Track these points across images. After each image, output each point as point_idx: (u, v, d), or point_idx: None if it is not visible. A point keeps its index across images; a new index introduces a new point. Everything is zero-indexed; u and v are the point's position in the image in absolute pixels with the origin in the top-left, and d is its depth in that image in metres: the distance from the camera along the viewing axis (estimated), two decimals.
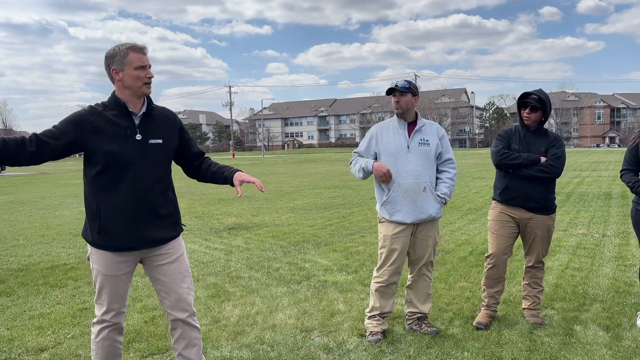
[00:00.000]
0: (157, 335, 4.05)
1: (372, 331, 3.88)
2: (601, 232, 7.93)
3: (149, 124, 2.74)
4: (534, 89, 4.03)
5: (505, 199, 4.06)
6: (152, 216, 2.75)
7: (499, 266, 4.14)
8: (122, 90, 2.69)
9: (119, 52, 2.65)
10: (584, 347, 3.62)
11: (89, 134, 2.61)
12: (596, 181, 16.38)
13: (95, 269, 2.77)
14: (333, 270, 6.01)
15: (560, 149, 4.00)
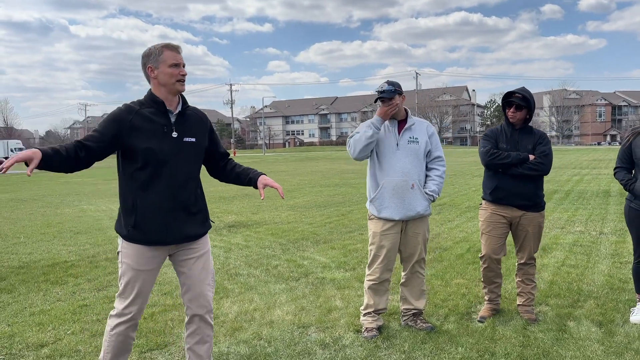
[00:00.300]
0: (156, 331, 4.10)
1: (368, 327, 3.93)
2: (598, 230, 7.98)
3: (184, 123, 2.84)
4: (518, 88, 4.07)
5: (495, 199, 4.10)
6: (185, 213, 2.85)
7: (494, 265, 4.21)
8: (158, 88, 2.79)
9: (154, 50, 2.77)
10: (576, 343, 3.67)
11: (128, 132, 2.70)
12: (595, 179, 16.41)
13: (124, 263, 2.82)
14: (331, 267, 6.06)
15: (547, 146, 4.05)
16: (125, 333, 2.86)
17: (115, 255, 7.06)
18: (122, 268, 2.83)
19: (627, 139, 4.08)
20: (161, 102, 2.78)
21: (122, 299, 2.84)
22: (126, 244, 2.81)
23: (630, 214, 4.07)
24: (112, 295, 5.14)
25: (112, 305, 4.75)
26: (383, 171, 3.85)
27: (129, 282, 2.81)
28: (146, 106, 2.77)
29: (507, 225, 4.13)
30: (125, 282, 2.82)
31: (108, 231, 9.07)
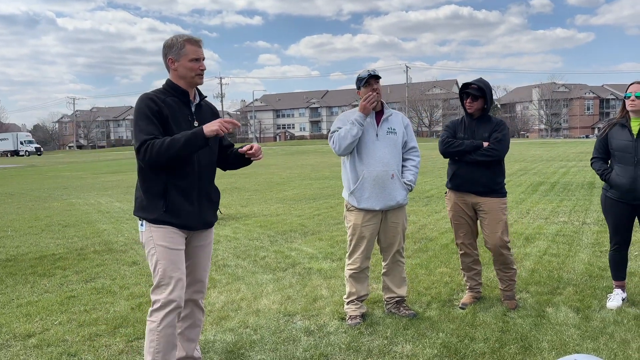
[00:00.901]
0: (143, 321, 4.15)
1: (352, 315, 4.01)
2: (581, 220, 8.12)
3: (201, 114, 2.96)
4: (474, 79, 4.18)
5: (454, 185, 4.25)
6: (208, 200, 2.99)
7: (469, 251, 4.31)
8: (177, 79, 2.88)
9: (177, 43, 2.83)
10: (553, 328, 3.77)
11: (160, 119, 2.76)
12: (581, 171, 16.62)
13: (158, 247, 2.78)
14: (318, 258, 6.14)
15: (502, 133, 4.13)
16: (173, 323, 2.80)
17: (101, 249, 7.09)
18: (157, 254, 2.79)
19: (603, 130, 4.19)
20: (185, 92, 2.88)
21: (164, 287, 2.77)
22: (155, 228, 2.81)
23: (606, 203, 4.18)
24: (99, 286, 5.18)
25: (100, 296, 4.82)
26: (363, 162, 3.92)
27: (167, 264, 2.77)
28: (169, 95, 2.85)
29: (471, 211, 4.23)
30: (164, 267, 2.77)
31: (97, 224, 9.08)
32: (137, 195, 2.93)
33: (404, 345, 3.56)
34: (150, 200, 2.82)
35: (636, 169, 3.92)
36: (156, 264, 2.80)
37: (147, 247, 2.85)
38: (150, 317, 2.81)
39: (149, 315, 2.82)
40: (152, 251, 2.82)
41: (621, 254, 4.23)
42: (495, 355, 3.35)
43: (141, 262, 6.16)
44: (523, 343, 3.52)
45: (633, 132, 3.95)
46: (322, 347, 3.55)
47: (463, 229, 4.28)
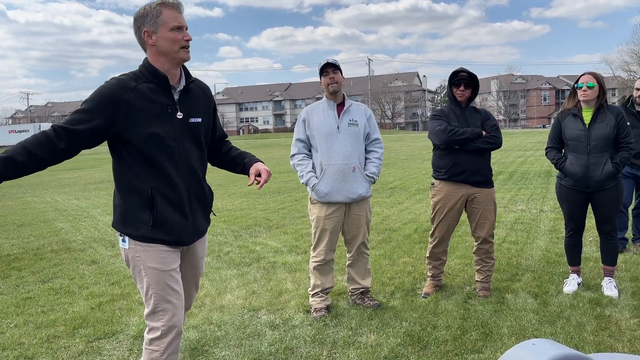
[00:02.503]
0: (104, 320, 4.06)
1: (316, 308, 4.02)
2: (539, 208, 8.36)
3: (188, 100, 2.40)
4: (459, 67, 4.20)
5: (452, 175, 4.12)
6: (199, 204, 2.48)
7: (443, 243, 4.36)
8: (157, 57, 2.30)
9: (151, 10, 2.26)
10: (513, 313, 3.88)
11: (126, 113, 2.23)
12: (538, 160, 17.09)
13: (149, 270, 2.32)
14: (283, 251, 6.12)
15: (495, 121, 4.23)
16: (177, 349, 2.41)
17: (58, 248, 6.89)
18: (147, 277, 2.33)
19: (556, 120, 4.31)
20: (164, 77, 2.31)
21: (160, 314, 2.34)
22: (143, 246, 2.33)
23: (560, 191, 4.31)
24: (57, 287, 5.03)
25: (58, 297, 4.68)
26: (324, 155, 3.92)
27: (162, 291, 2.33)
28: (144, 80, 2.29)
29: (462, 204, 4.22)
30: (158, 293, 2.32)
31: (53, 223, 8.81)
32: (116, 203, 2.38)
33: (369, 335, 3.59)
34: (133, 210, 2.32)
35: (589, 158, 4.05)
36: (148, 289, 2.34)
37: (133, 267, 2.37)
38: (149, 345, 2.37)
39: (148, 344, 2.38)
40: (141, 273, 2.34)
41: (576, 240, 4.38)
42: (457, 342, 3.42)
43: (100, 261, 6.01)
44: (484, 329, 3.60)
45: (585, 122, 4.08)
46: (287, 341, 3.55)
47: (447, 221, 4.25)
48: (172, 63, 2.33)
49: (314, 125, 3.96)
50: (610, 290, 4.16)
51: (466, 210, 4.28)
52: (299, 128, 4.03)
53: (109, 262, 5.97)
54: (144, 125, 2.26)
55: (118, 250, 6.50)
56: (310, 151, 4.04)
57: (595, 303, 3.99)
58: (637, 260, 5.12)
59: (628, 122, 4.08)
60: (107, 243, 6.99)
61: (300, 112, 4.09)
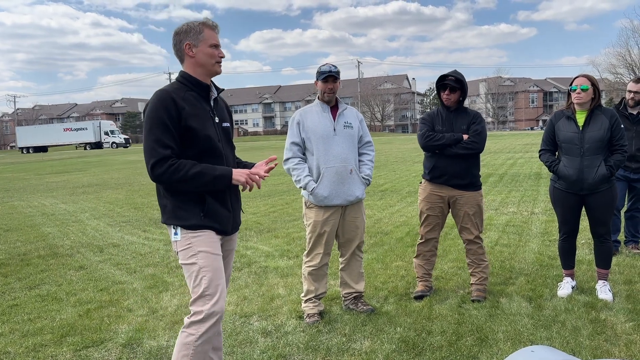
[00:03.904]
0: (92, 328, 3.97)
1: (309, 314, 3.96)
2: (530, 210, 8.37)
3: (218, 108, 2.73)
4: (450, 71, 4.20)
5: (432, 178, 4.25)
6: (236, 200, 2.76)
7: (430, 241, 4.36)
8: (194, 69, 2.62)
9: (194, 27, 2.59)
10: (507, 318, 3.84)
11: (184, 117, 2.50)
12: (528, 162, 17.18)
13: (200, 254, 2.53)
14: (274, 256, 6.05)
15: (481, 125, 4.19)
16: (211, 339, 2.54)
17: (45, 253, 6.76)
18: (199, 261, 2.52)
19: (550, 122, 4.29)
20: (206, 87, 2.64)
21: (207, 298, 2.50)
22: (194, 234, 2.54)
23: (554, 194, 4.29)
24: (44, 293, 4.92)
25: (45, 304, 4.58)
26: (322, 158, 3.87)
27: (213, 274, 2.52)
28: (188, 89, 2.59)
29: (445, 205, 4.26)
30: (209, 275, 2.51)
31: (41, 227, 8.66)
32: (163, 203, 2.60)
33: (363, 341, 3.54)
34: (184, 207, 2.55)
35: (582, 160, 4.03)
36: (199, 272, 2.51)
37: (185, 255, 2.54)
38: (187, 327, 2.51)
39: (187, 326, 2.51)
40: (192, 259, 2.52)
41: (570, 243, 4.36)
42: (452, 348, 3.37)
43: (88, 267, 5.90)
44: (479, 335, 3.56)
45: (579, 124, 4.07)
46: (280, 348, 3.48)
47: (431, 220, 4.30)
48: (207, 74, 2.65)
49: (309, 127, 3.90)
50: (604, 293, 4.14)
51: (451, 212, 4.30)
52: (292, 131, 3.97)
53: (97, 267, 5.86)
54: (199, 127, 2.54)
55: (106, 256, 6.40)
56: (304, 154, 3.98)
57: (590, 307, 3.97)
58: (630, 263, 5.12)
59: (622, 124, 4.07)
60: (96, 248, 6.88)
61: (293, 115, 4.04)
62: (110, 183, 16.41)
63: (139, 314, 4.25)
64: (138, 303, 4.53)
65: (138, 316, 4.21)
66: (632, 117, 5.36)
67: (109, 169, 23.03)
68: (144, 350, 3.55)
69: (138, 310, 4.34)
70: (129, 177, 18.18)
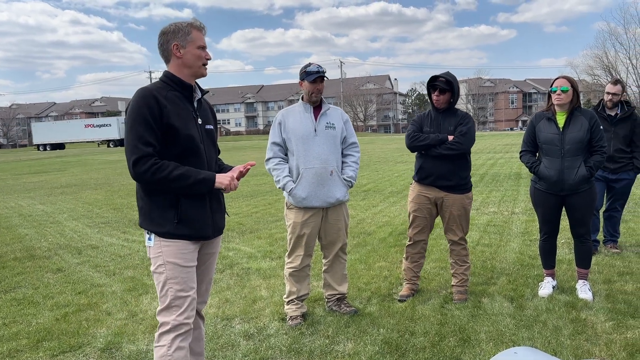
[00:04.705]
0: (69, 332, 3.89)
1: (292, 316, 3.93)
2: (510, 210, 8.45)
3: (201, 110, 2.70)
4: (442, 72, 4.19)
5: (420, 179, 4.26)
6: (218, 203, 2.72)
7: (418, 243, 4.35)
8: (181, 69, 2.59)
9: (182, 28, 2.57)
10: (489, 318, 3.86)
11: (166, 116, 2.47)
12: (508, 162, 17.36)
13: (169, 265, 2.50)
14: (257, 257, 6.00)
15: (467, 126, 4.16)
16: (186, 347, 2.55)
17: (22, 255, 6.61)
18: (166, 272, 2.51)
19: (530, 124, 4.32)
20: (190, 87, 2.61)
21: (173, 310, 2.51)
22: (167, 242, 2.51)
23: (535, 195, 4.33)
24: (20, 297, 4.81)
25: (21, 307, 4.47)
26: (301, 158, 3.83)
27: (179, 286, 2.50)
28: (171, 89, 2.56)
29: (433, 206, 4.25)
30: (175, 288, 2.50)
31: (17, 229, 8.48)
32: (141, 205, 2.57)
33: (346, 343, 3.52)
34: (158, 211, 2.51)
35: (563, 161, 4.07)
36: (165, 283, 2.52)
37: (155, 263, 2.55)
38: (158, 341, 2.53)
39: (157, 340, 2.53)
40: (160, 269, 2.52)
41: (550, 243, 4.40)
42: (435, 349, 3.37)
43: (66, 269, 5.78)
44: (462, 335, 3.57)
45: (559, 126, 4.10)
46: (263, 351, 3.44)
47: (420, 221, 4.30)
48: (193, 76, 2.62)
49: (290, 127, 3.87)
50: (584, 293, 4.18)
51: (439, 213, 4.30)
52: (274, 131, 3.94)
53: (75, 270, 5.75)
54: (181, 127, 2.50)
55: (85, 258, 6.28)
56: (286, 155, 3.95)
57: (570, 306, 4.01)
58: (609, 262, 5.19)
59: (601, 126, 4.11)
60: (74, 250, 6.75)
61: (276, 114, 4.00)
62: (90, 183, 16.16)
63: (118, 318, 4.17)
64: (117, 306, 4.45)
65: (117, 320, 4.13)
66: (611, 118, 5.44)
67: (89, 169, 22.69)
68: (123, 355, 3.48)
69: (117, 314, 4.26)
70: (109, 177, 17.93)
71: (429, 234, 4.42)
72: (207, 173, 2.50)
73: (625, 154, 5.41)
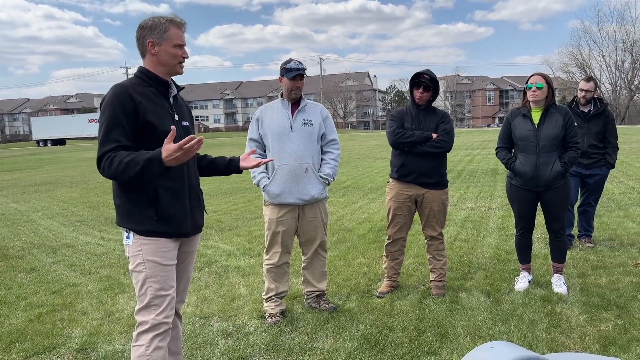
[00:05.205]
0: (43, 333, 3.81)
1: (271, 313, 3.91)
2: (487, 206, 8.55)
3: (177, 106, 2.65)
4: (424, 69, 4.21)
5: (401, 176, 4.23)
6: (197, 200, 2.69)
7: (398, 241, 4.37)
8: (155, 66, 2.53)
9: (160, 24, 2.49)
10: (467, 313, 3.90)
11: (143, 113, 2.42)
12: (485, 159, 17.57)
13: (148, 263, 2.46)
14: (236, 254, 5.97)
15: (449, 125, 4.22)
16: (165, 346, 2.51)
17: None
18: (146, 270, 2.47)
19: (506, 120, 4.37)
20: (166, 83, 2.55)
21: (152, 309, 2.47)
22: (145, 241, 2.47)
23: (511, 191, 4.38)
24: None
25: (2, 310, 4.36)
26: (276, 155, 3.81)
27: (158, 285, 2.47)
28: (146, 85, 2.50)
29: (413, 203, 4.28)
30: (154, 287, 2.47)
31: None
32: (118, 203, 2.52)
33: (325, 340, 3.52)
34: (137, 208, 2.47)
35: (538, 157, 4.12)
36: (144, 282, 2.47)
37: (134, 262, 2.50)
38: (136, 341, 2.48)
39: (135, 340, 2.49)
40: (139, 267, 2.48)
41: (526, 238, 4.46)
42: (414, 344, 3.39)
43: (40, 269, 5.67)
44: (439, 330, 3.60)
45: (534, 122, 4.15)
46: (241, 349, 3.42)
47: (400, 219, 4.31)
48: (168, 73, 2.57)
49: (266, 124, 3.85)
50: (559, 287, 4.25)
51: (417, 210, 4.31)
52: (252, 127, 3.92)
53: (49, 269, 5.64)
54: (158, 122, 2.45)
55: (60, 257, 6.16)
56: (265, 151, 3.93)
57: (546, 300, 4.07)
58: (583, 257, 5.28)
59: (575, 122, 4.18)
60: (48, 249, 6.62)
61: (255, 111, 3.97)
62: (65, 181, 15.87)
63: (93, 318, 4.10)
64: (93, 306, 4.38)
65: (93, 320, 4.06)
66: (584, 114, 5.53)
67: (64, 167, 22.28)
68: (99, 355, 3.43)
69: (93, 314, 4.19)
70: (85, 174, 17.63)
71: (408, 231, 4.44)
72: (153, 152, 2.31)
73: (598, 149, 5.52)
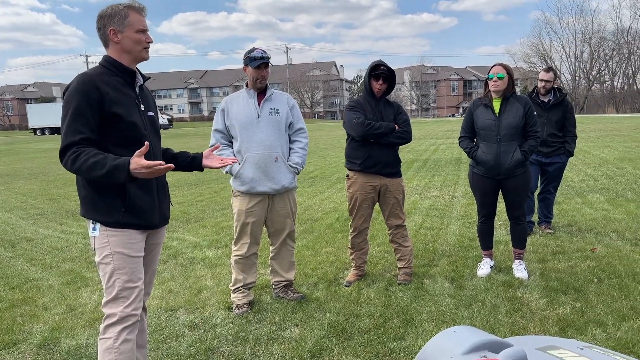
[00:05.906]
0: (3, 329, 3.71)
1: (238, 304, 3.90)
2: (451, 194, 8.71)
3: (143, 96, 2.59)
4: (377, 60, 4.23)
5: (366, 167, 4.22)
6: (164, 192, 2.66)
7: (363, 232, 4.42)
8: (120, 55, 2.47)
9: (119, 11, 2.43)
10: (431, 298, 3.98)
11: (108, 104, 2.36)
12: (449, 148, 17.86)
13: (116, 255, 2.42)
14: (202, 246, 5.92)
15: (407, 115, 4.34)
16: (133, 339, 2.47)
17: None
18: (114, 262, 2.42)
19: (468, 110, 4.45)
20: (132, 72, 2.50)
21: (120, 301, 2.43)
22: (114, 232, 2.42)
23: (473, 179, 4.48)
24: None
25: None
26: (245, 145, 3.79)
27: (126, 277, 2.42)
28: (112, 74, 2.44)
29: (376, 194, 4.33)
30: (122, 279, 2.42)
31: None
32: (84, 194, 2.46)
33: (293, 329, 3.54)
34: (104, 200, 2.41)
35: (499, 146, 4.22)
36: (112, 274, 2.42)
37: (100, 253, 2.45)
38: (104, 334, 2.44)
39: (102, 333, 2.45)
40: (107, 259, 2.43)
41: (488, 225, 4.57)
42: (380, 331, 3.45)
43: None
44: (405, 316, 3.66)
45: (495, 112, 4.24)
46: (208, 341, 3.41)
47: (364, 211, 4.35)
48: (134, 61, 2.52)
49: (233, 114, 3.81)
50: (520, 272, 4.38)
51: (378, 200, 4.36)
52: (217, 118, 3.88)
53: (8, 264, 5.47)
54: (124, 114, 2.40)
55: (19, 251, 5.99)
56: (231, 142, 3.89)
57: (507, 285, 4.19)
58: (543, 242, 5.45)
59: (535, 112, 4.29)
60: (7, 243, 6.42)
61: (221, 101, 3.92)
62: (23, 173, 15.37)
63: (55, 312, 4.01)
64: (54, 300, 4.28)
65: (54, 314, 3.97)
66: (544, 104, 5.68)
67: (21, 158, 21.57)
68: (61, 350, 3.36)
69: (54, 308, 4.09)
70: (44, 166, 17.11)
71: (370, 221, 4.49)
72: (122, 160, 2.24)
73: (557, 138, 5.68)
